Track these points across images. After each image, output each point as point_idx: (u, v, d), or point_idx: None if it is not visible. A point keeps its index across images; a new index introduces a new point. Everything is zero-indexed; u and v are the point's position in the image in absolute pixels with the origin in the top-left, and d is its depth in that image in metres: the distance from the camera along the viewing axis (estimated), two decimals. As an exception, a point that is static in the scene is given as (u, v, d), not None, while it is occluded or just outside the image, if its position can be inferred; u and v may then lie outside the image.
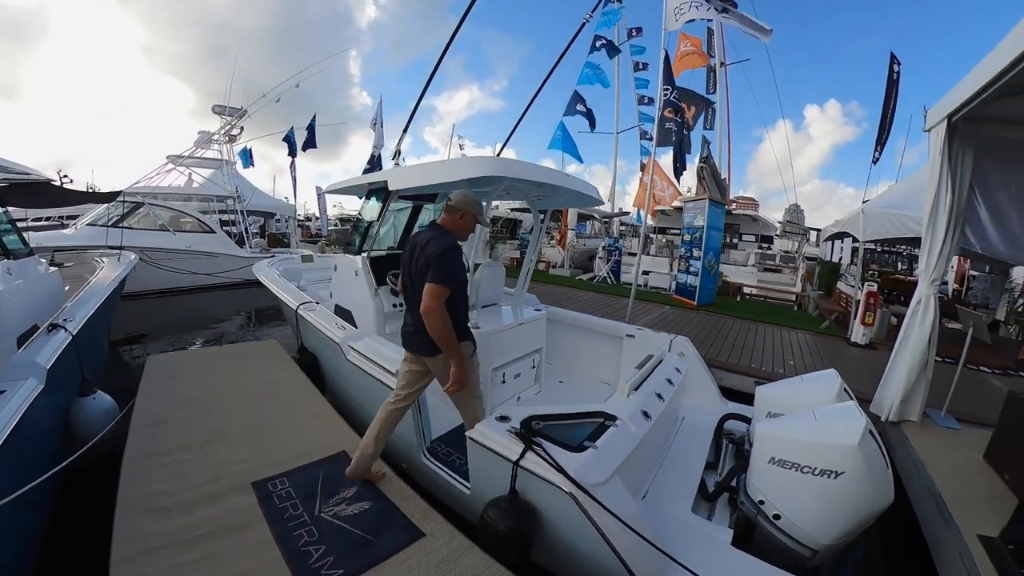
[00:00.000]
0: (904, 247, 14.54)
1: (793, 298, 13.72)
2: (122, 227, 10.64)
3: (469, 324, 3.04)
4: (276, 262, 8.08)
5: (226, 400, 4.15)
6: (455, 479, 3.23)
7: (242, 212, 14.43)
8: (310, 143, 16.25)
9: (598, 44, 13.13)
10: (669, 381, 3.84)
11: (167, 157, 14.73)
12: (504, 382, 4.49)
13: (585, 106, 11.53)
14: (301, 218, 35.20)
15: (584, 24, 7.39)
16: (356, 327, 5.08)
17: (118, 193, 9.52)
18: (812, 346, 8.12)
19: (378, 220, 4.96)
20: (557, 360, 5.75)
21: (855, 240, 9.39)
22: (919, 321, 4.40)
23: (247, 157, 16.71)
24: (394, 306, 5.24)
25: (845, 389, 3.45)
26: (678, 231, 20.03)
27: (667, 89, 7.77)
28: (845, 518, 2.58)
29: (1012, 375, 7.01)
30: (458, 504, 3.19)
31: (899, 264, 16.08)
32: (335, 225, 33.01)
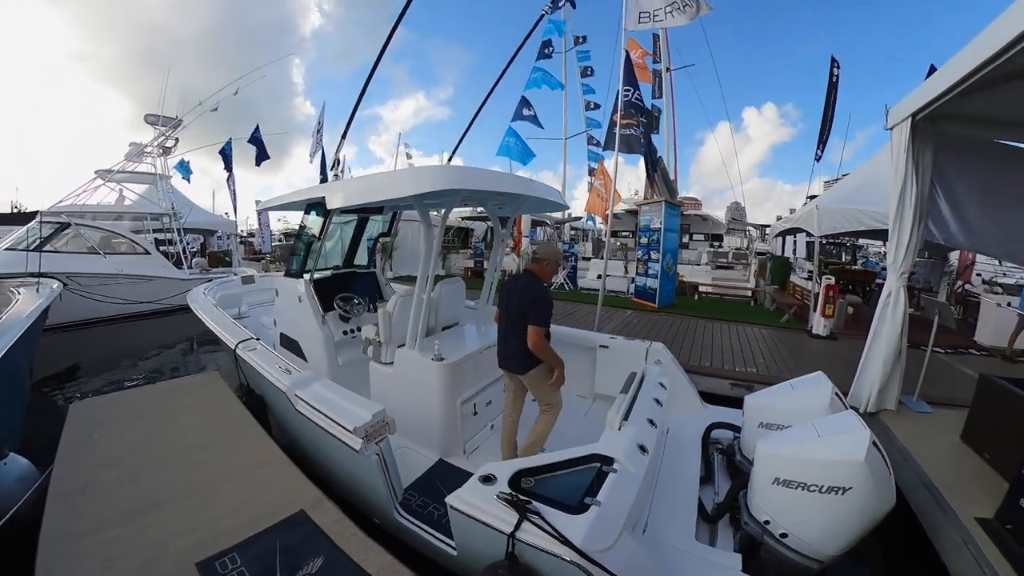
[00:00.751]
0: (848, 239, 15.43)
1: (749, 294, 14.28)
2: (43, 251, 9.64)
3: (432, 357, 3.69)
4: (214, 286, 7.35)
5: (162, 453, 3.52)
6: (437, 538, 2.91)
7: (179, 230, 13.54)
8: (263, 155, 15.48)
9: (546, 50, 13.32)
10: (657, 401, 3.59)
11: (96, 172, 13.55)
12: (476, 413, 4.15)
13: (531, 110, 11.66)
14: (244, 234, 33.62)
15: (534, 27, 7.37)
16: (305, 359, 4.74)
17: (35, 214, 8.68)
18: (776, 341, 8.41)
19: (320, 237, 4.65)
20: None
21: (808, 235, 9.85)
22: (891, 313, 4.60)
23: (184, 170, 15.79)
24: (345, 333, 4.89)
25: (836, 393, 3.43)
26: (628, 234, 20.52)
27: (628, 90, 7.88)
28: (852, 528, 2.59)
29: (963, 353, 7.58)
30: (441, 558, 2.89)
31: (843, 255, 17.07)
32: (279, 240, 31.70)
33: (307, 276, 4.78)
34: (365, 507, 3.31)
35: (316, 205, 4.71)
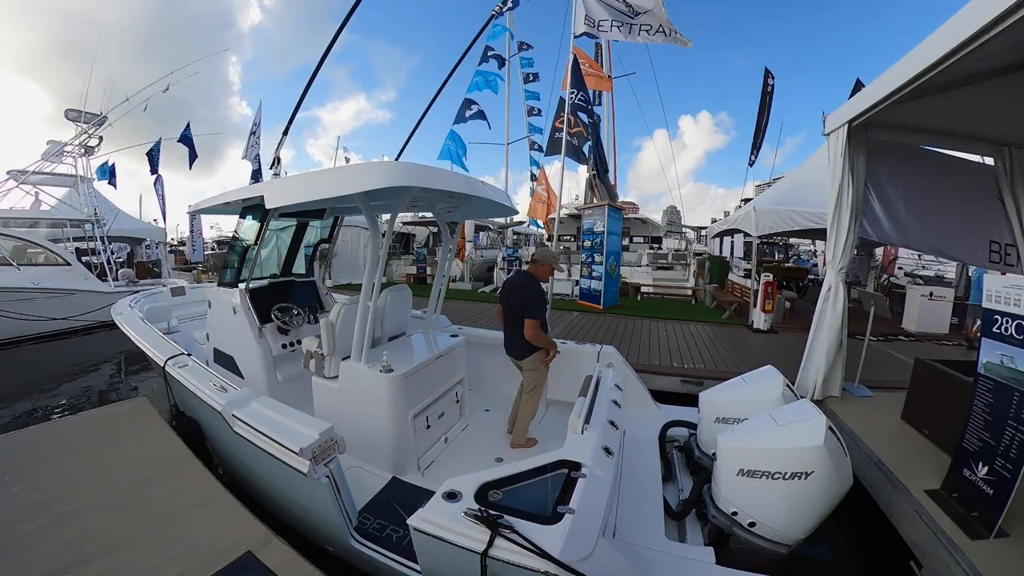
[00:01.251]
0: (781, 238, 16.45)
1: (689, 293, 14.84)
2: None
3: (381, 369, 3.55)
4: (141, 299, 6.74)
5: (87, 499, 3.04)
6: (399, 563, 2.73)
7: (103, 238, 12.44)
8: (194, 155, 14.57)
9: (488, 55, 13.40)
10: (615, 403, 3.59)
11: (8, 172, 12.14)
12: (429, 427, 3.97)
13: (477, 107, 11.65)
14: (174, 243, 31.35)
15: (484, 26, 7.43)
16: (241, 376, 4.39)
17: None
18: (720, 337, 8.77)
19: (257, 243, 4.34)
20: (479, 386, 5.17)
21: (746, 235, 10.40)
22: (831, 307, 4.91)
23: (107, 173, 14.58)
24: (284, 347, 4.58)
25: (787, 384, 3.58)
26: (570, 237, 20.88)
27: (573, 92, 8.05)
28: (817, 511, 2.72)
29: (893, 339, 8.28)
30: None
31: (776, 254, 18.19)
32: (212, 249, 29.89)
33: (243, 285, 4.45)
34: (317, 535, 3.10)
35: (252, 209, 4.42)
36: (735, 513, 2.82)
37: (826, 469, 2.62)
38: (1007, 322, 2.86)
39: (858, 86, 12.06)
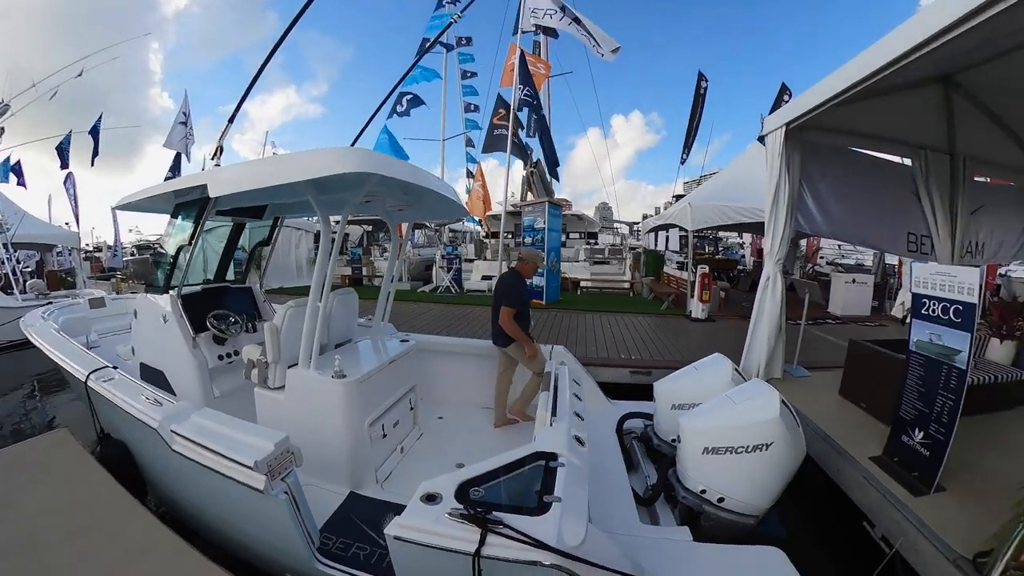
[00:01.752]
0: (711, 232, 17.42)
1: (627, 286, 15.41)
2: None
3: (333, 375, 3.35)
4: (54, 311, 5.98)
5: (10, 560, 2.42)
6: None
7: (7, 245, 11.17)
8: (96, 151, 13.31)
9: (428, 47, 13.28)
10: (576, 396, 3.62)
11: None
12: (385, 435, 3.79)
13: (403, 105, 11.45)
14: (89, 249, 28.50)
15: (440, 30, 7.40)
16: (173, 393, 3.88)
17: None
18: (662, 327, 9.17)
19: (190, 244, 3.96)
20: (429, 393, 4.97)
21: (682, 230, 10.95)
22: (770, 295, 5.29)
23: (9, 171, 13.04)
24: (220, 358, 4.23)
25: (736, 369, 3.86)
26: (508, 234, 21.04)
27: (521, 88, 8.14)
28: (779, 479, 2.96)
29: (821, 323, 9.02)
30: None
31: (706, 247, 19.27)
32: (132, 255, 27.27)
33: (174, 292, 4.06)
34: (275, 563, 2.83)
35: (187, 205, 4.07)
36: (704, 491, 3.00)
37: (783, 439, 2.87)
38: (934, 304, 3.23)
39: (783, 89, 13.04)
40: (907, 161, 5.57)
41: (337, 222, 3.81)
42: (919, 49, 3.12)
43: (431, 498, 2.09)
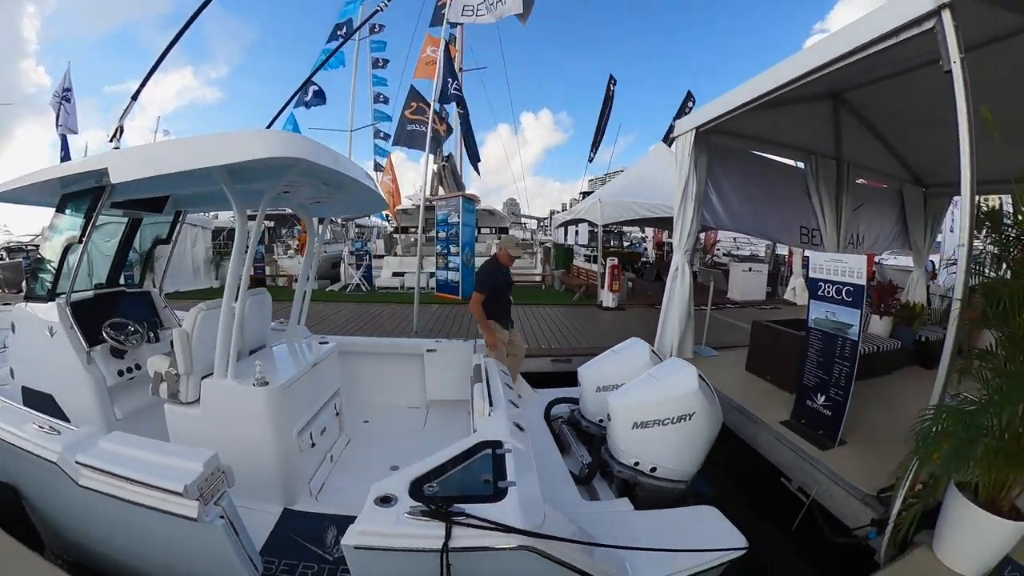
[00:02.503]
0: (616, 226, 18.39)
1: (539, 278, 15.84)
2: None
3: (254, 382, 2.99)
4: None
5: None
6: None
7: None
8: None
9: (339, 33, 12.68)
10: (508, 385, 3.58)
11: None
12: (314, 444, 3.49)
13: (309, 94, 10.95)
14: None
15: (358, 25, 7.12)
16: (66, 419, 3.28)
17: None
18: (575, 316, 9.55)
19: (81, 242, 3.38)
20: (353, 396, 4.63)
21: (591, 224, 11.50)
22: (680, 283, 5.78)
23: None
24: (120, 374, 3.63)
25: (652, 351, 4.14)
26: (416, 229, 20.77)
27: (450, 81, 8.06)
28: (702, 446, 3.27)
29: (722, 307, 9.87)
30: None
31: (611, 240, 20.31)
32: (0, 258, 22.22)
33: (61, 299, 3.44)
34: None
35: (76, 196, 3.49)
36: (637, 463, 3.24)
37: (703, 408, 3.17)
38: (828, 287, 3.76)
39: (689, 96, 14.08)
40: (800, 164, 6.37)
41: (252, 216, 3.32)
42: (812, 74, 3.66)
43: (385, 500, 1.99)
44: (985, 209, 2.71)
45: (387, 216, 21.16)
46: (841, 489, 3.14)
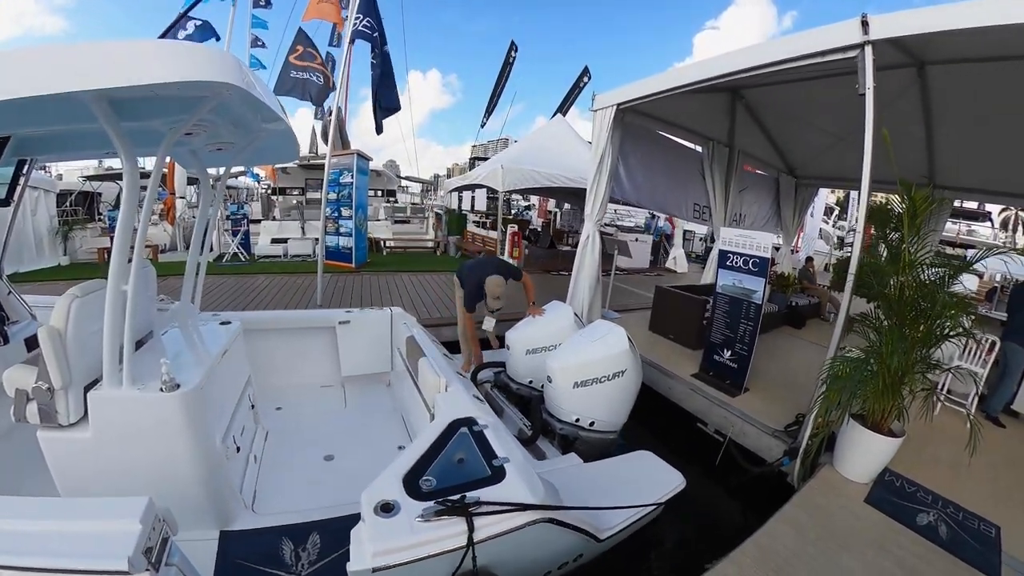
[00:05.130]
0: (507, 194, 18.47)
1: (431, 245, 15.52)
2: None
3: (162, 387, 2.27)
4: None
5: None
6: None
7: None
8: None
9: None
10: (446, 355, 3.55)
11: None
12: (239, 449, 2.96)
13: (203, 24, 9.46)
14: None
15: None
16: None
17: None
18: (481, 281, 9.67)
19: None
20: (262, 381, 3.95)
21: (491, 191, 11.50)
22: (590, 251, 6.04)
23: None
24: None
25: (575, 313, 4.35)
26: (298, 191, 19.12)
27: (359, 17, 7.39)
28: (631, 399, 3.57)
29: (610, 274, 10.45)
30: None
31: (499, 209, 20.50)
32: None
33: None
34: None
35: None
36: (577, 420, 3.45)
37: (633, 365, 3.47)
38: (736, 258, 4.22)
39: (585, 71, 14.32)
40: (698, 148, 6.95)
41: (145, 174, 2.35)
42: (717, 79, 4.17)
43: (387, 508, 1.78)
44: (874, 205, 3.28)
45: (258, 175, 19.14)
46: (754, 428, 3.66)
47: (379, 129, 8.84)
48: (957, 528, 2.69)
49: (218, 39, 9.86)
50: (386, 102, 8.53)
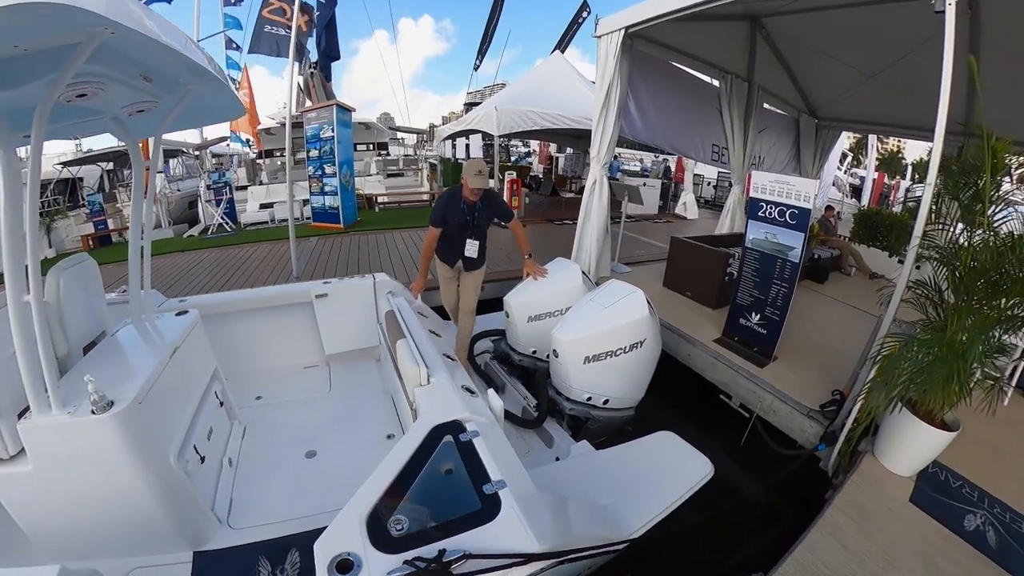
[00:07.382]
0: (504, 139, 17.53)
1: (427, 198, 14.77)
2: None
3: (92, 409, 1.90)
4: None
5: None
6: None
7: None
8: None
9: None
10: (435, 333, 3.11)
11: None
12: (203, 458, 2.59)
13: None
14: None
15: None
16: None
17: None
18: (477, 235, 9.07)
19: None
20: (236, 370, 3.55)
21: (487, 136, 10.70)
22: (597, 197, 5.45)
23: None
24: None
25: (583, 271, 3.80)
26: (280, 151, 18.09)
27: None
28: (650, 372, 3.16)
29: (617, 222, 9.87)
30: None
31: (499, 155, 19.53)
32: None
33: None
34: None
35: None
36: (590, 398, 3.03)
37: (653, 334, 3.03)
38: (770, 208, 3.61)
39: (584, 7, 13.10)
40: (715, 82, 6.12)
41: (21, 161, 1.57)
42: None
43: (344, 568, 1.37)
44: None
45: (248, 140, 18.20)
46: (785, 404, 3.19)
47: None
48: (1006, 534, 2.31)
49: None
50: (327, 48, 7.88)
